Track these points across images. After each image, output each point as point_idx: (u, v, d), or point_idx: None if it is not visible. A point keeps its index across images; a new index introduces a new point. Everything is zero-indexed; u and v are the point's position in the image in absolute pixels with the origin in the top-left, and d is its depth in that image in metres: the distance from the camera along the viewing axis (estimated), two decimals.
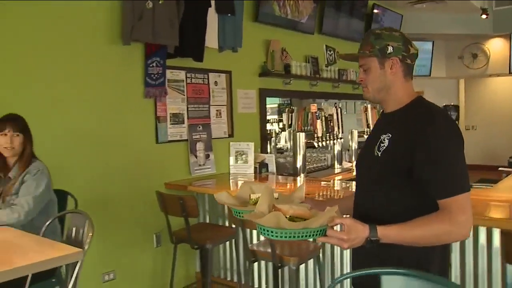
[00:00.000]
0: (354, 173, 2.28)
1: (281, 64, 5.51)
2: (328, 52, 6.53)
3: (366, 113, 6.18)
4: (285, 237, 1.58)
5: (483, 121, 12.07)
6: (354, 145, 5.92)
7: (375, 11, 7.38)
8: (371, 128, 2.21)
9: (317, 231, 1.58)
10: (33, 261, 2.08)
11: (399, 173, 1.74)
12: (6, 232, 2.64)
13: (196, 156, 4.54)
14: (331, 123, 5.33)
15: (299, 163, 5.00)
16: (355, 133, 5.95)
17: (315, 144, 5.12)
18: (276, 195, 1.95)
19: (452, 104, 11.71)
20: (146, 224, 4.16)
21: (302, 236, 1.59)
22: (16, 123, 2.91)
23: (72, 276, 2.29)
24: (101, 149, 3.81)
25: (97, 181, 3.78)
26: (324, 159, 5.73)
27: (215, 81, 4.71)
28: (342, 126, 5.69)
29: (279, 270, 3.40)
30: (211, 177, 4.63)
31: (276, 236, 1.58)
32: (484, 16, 8.65)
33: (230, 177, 4.67)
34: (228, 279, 4.39)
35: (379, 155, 1.80)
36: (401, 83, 1.84)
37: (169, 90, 4.25)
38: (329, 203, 2.11)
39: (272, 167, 4.91)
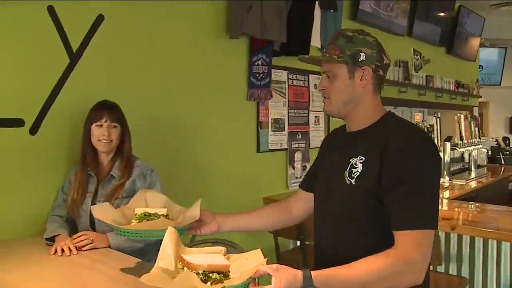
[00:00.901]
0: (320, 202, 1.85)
1: None
2: (415, 56, 6.01)
3: (459, 124, 5.61)
4: None
5: None
6: (447, 158, 5.35)
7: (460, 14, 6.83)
8: (325, 150, 1.88)
9: None
10: None
11: (378, 201, 1.48)
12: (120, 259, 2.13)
13: (293, 168, 4.05)
14: (432, 135, 4.79)
15: None
16: (448, 145, 5.38)
17: None
18: (164, 211, 1.74)
19: None
20: (243, 244, 3.67)
21: None
22: (113, 112, 2.43)
23: None
24: (198, 153, 3.32)
25: (189, 192, 3.26)
26: None
27: (315, 84, 4.22)
28: (441, 138, 5.14)
29: None
30: None
31: None
32: None
33: None
34: None
35: (353, 183, 1.54)
36: (371, 97, 1.62)
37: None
38: (234, 216, 1.89)
39: None
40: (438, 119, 4.99)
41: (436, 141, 4.90)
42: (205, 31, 3.32)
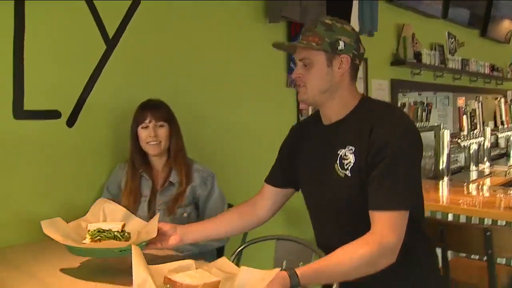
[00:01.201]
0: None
1: (411, 52, 4.80)
2: (450, 39, 5.77)
3: (500, 108, 5.38)
4: None
5: None
6: (487, 144, 5.13)
7: None
8: (297, 145, 1.85)
9: None
10: None
11: None
12: None
13: None
14: (474, 119, 4.58)
15: (442, 165, 4.27)
16: (488, 130, 5.16)
17: (461, 144, 4.38)
18: (119, 226, 1.69)
19: None
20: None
21: None
22: (158, 110, 2.27)
23: None
24: (236, 143, 3.17)
25: (229, 185, 3.05)
26: (456, 160, 4.96)
27: None
28: (482, 123, 4.92)
29: None
30: None
31: None
32: None
33: None
34: None
35: (349, 174, 1.53)
36: (347, 86, 1.60)
37: None
38: (196, 226, 1.85)
39: None
40: (480, 104, 4.77)
41: (478, 127, 4.68)
42: (243, 15, 3.15)
